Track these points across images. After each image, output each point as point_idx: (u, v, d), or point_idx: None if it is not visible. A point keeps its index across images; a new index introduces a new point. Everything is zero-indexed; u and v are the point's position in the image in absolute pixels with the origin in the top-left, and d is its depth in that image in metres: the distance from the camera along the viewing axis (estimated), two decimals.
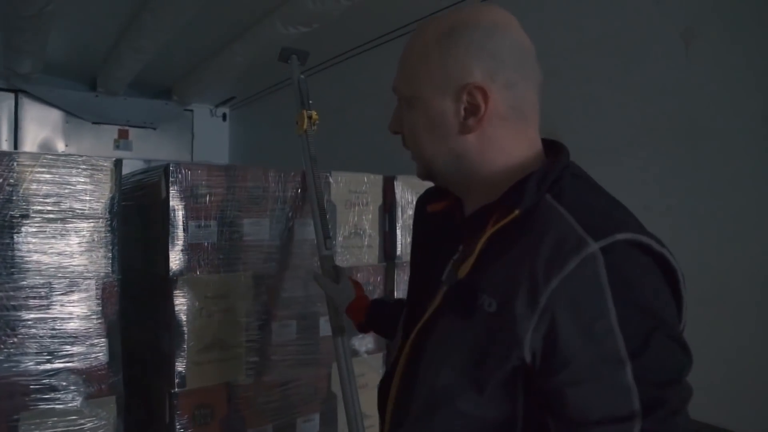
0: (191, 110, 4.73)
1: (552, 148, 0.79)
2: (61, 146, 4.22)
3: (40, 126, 4.19)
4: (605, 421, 0.62)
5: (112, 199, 1.33)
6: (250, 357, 1.59)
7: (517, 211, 0.69)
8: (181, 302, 1.47)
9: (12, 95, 4.06)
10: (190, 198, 1.50)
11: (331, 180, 1.81)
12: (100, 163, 1.31)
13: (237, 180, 1.59)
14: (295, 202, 1.70)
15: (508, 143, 0.75)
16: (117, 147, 4.40)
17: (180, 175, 1.49)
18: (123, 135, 4.46)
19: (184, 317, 1.46)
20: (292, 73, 1.75)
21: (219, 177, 1.57)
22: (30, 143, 4.13)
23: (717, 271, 1.51)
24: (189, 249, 1.51)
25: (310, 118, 1.66)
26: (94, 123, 4.30)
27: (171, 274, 1.47)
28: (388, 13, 2.73)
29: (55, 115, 4.20)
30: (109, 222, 1.32)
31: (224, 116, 5.02)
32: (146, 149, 4.49)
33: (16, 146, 4.07)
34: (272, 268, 1.66)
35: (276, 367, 1.65)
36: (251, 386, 1.59)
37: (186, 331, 1.47)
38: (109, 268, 1.34)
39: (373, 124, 3.04)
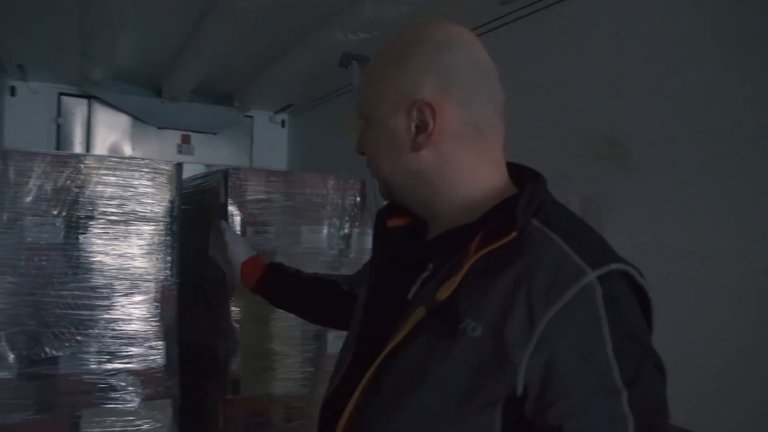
0: (251, 116, 4.82)
1: (521, 171, 0.78)
2: (128, 150, 4.38)
3: (110, 130, 4.36)
4: None
5: (172, 202, 1.34)
6: (305, 368, 1.57)
7: (514, 234, 0.67)
8: (237, 309, 1.46)
9: (85, 101, 4.25)
10: (248, 203, 1.50)
11: None
12: (161, 167, 1.32)
13: (295, 186, 1.58)
14: (353, 211, 1.67)
15: (468, 163, 0.75)
16: (180, 151, 4.53)
17: (239, 180, 1.50)
18: (185, 140, 4.58)
19: (240, 324, 1.46)
20: (353, 79, 1.74)
21: (277, 183, 1.56)
22: (100, 147, 4.30)
23: None
24: None
25: None
26: (159, 128, 4.45)
27: (228, 279, 1.46)
28: (447, 17, 2.68)
29: (123, 120, 4.36)
30: (169, 225, 1.34)
31: (283, 123, 5.08)
32: (207, 154, 4.60)
33: (87, 149, 4.26)
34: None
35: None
36: (305, 397, 1.57)
37: (242, 338, 1.46)
38: (168, 272, 1.35)
39: None
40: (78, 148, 4.24)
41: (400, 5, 2.34)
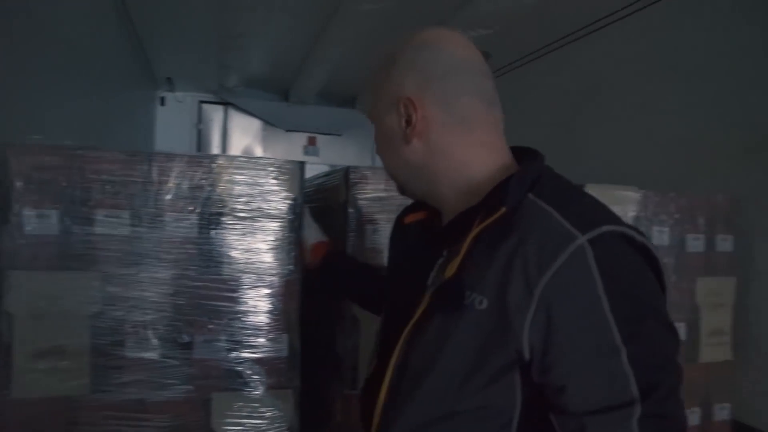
0: None
1: (527, 153, 0.82)
2: (258, 152, 4.67)
3: (243, 134, 4.68)
4: (606, 409, 0.63)
5: (294, 200, 1.38)
6: None
7: (503, 209, 0.71)
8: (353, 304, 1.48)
9: (222, 107, 4.59)
10: (367, 201, 1.52)
11: None
12: (285, 166, 1.37)
13: None
14: None
15: (459, 149, 0.80)
16: (306, 153, 4.75)
17: (359, 179, 1.52)
18: (311, 142, 4.79)
19: (357, 319, 1.48)
20: None
21: None
22: (235, 150, 4.64)
23: None
24: (366, 254, 1.52)
25: None
26: (286, 131, 4.69)
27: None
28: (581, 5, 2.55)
29: (255, 124, 4.66)
30: (292, 222, 1.38)
31: None
32: (332, 155, 4.77)
33: (224, 152, 4.60)
34: None
35: None
36: None
37: (359, 334, 1.48)
38: (292, 267, 1.39)
39: (564, 125, 2.84)
40: (215, 151, 4.60)
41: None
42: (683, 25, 2.26)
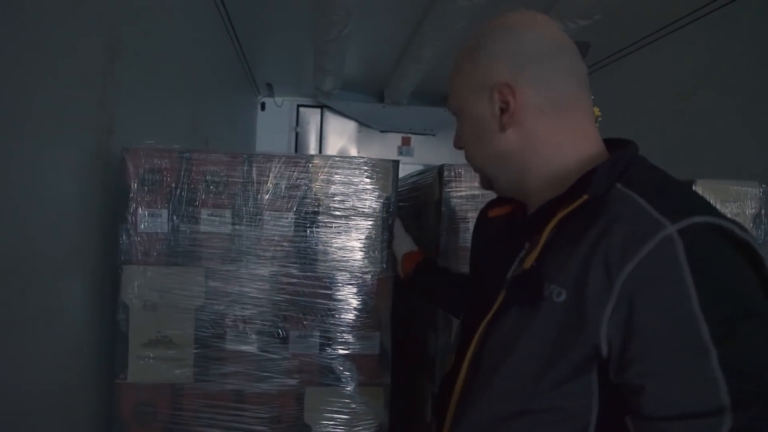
0: None
1: (619, 143, 0.78)
2: (354, 153, 4.77)
3: (339, 136, 4.80)
4: (689, 416, 0.57)
5: (388, 198, 1.39)
6: None
7: (585, 197, 0.67)
8: None
9: (318, 110, 4.74)
10: (461, 199, 1.50)
11: None
12: (379, 165, 1.38)
13: None
14: None
15: (553, 137, 0.76)
16: (400, 153, 4.78)
17: (453, 177, 1.50)
18: (405, 142, 4.82)
19: (449, 319, 1.46)
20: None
21: None
22: (331, 151, 4.77)
23: None
24: (458, 252, 1.49)
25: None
26: (381, 131, 4.75)
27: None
28: None
29: (350, 126, 4.76)
30: (385, 220, 1.39)
31: None
32: (426, 155, 4.77)
33: (320, 154, 4.74)
34: None
35: None
36: None
37: (451, 333, 1.46)
38: (384, 265, 1.40)
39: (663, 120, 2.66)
40: (312, 152, 4.75)
41: None
42: None
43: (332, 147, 4.79)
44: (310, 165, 1.36)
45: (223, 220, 1.32)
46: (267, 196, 1.34)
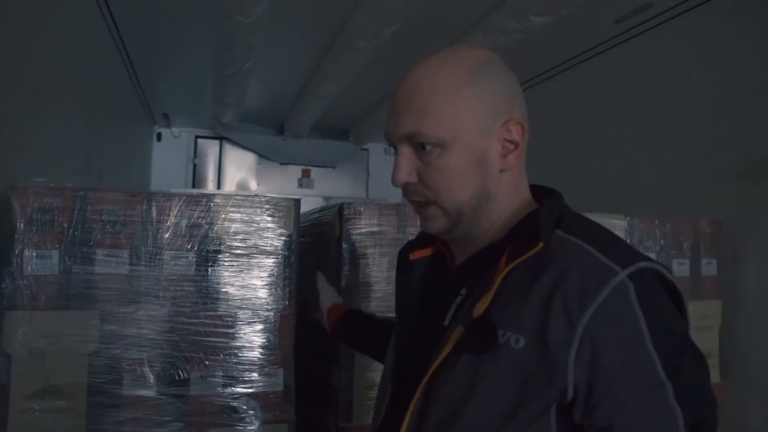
0: (367, 149, 5.00)
1: (541, 188, 0.80)
2: (253, 185, 4.71)
3: (238, 168, 4.73)
4: None
5: (290, 236, 1.42)
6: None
7: (541, 244, 0.69)
8: None
9: (217, 142, 4.65)
10: (361, 236, 1.55)
11: None
12: (281, 203, 1.41)
13: (407, 219, 1.61)
14: None
15: (522, 181, 0.78)
16: (300, 185, 4.79)
17: (353, 214, 1.55)
18: (306, 174, 4.84)
19: (351, 352, 1.50)
20: None
21: (390, 216, 1.59)
22: (229, 183, 4.68)
23: None
24: (359, 287, 1.54)
25: None
26: (281, 164, 4.74)
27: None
28: (562, 37, 2.63)
29: (250, 158, 4.71)
30: (287, 258, 1.41)
31: None
32: (326, 187, 4.82)
33: (219, 186, 4.64)
34: None
35: None
36: None
37: (355, 366, 1.50)
38: (287, 302, 1.42)
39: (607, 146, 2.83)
40: (210, 185, 4.64)
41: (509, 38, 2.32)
42: (679, 55, 2.34)
43: (231, 179, 4.70)
44: (212, 204, 1.36)
45: (120, 260, 1.29)
46: (167, 235, 1.32)
